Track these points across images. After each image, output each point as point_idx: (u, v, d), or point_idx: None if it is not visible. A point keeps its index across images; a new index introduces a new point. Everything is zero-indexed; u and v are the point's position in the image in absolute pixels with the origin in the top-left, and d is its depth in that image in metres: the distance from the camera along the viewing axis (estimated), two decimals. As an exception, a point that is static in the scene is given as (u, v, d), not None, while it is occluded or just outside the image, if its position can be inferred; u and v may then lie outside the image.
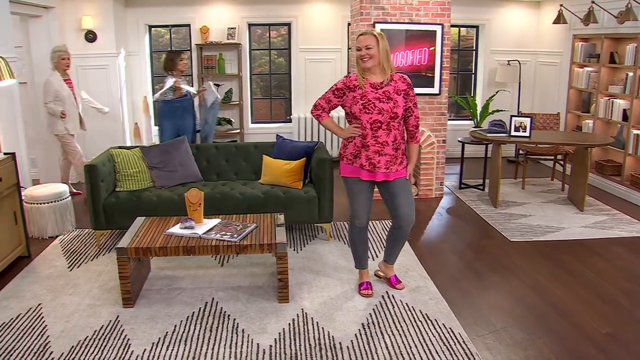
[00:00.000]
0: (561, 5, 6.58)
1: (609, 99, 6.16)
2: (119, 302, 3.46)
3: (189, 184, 4.73)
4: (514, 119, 5.47)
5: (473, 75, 8.14)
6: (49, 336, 3.09)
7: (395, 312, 3.38)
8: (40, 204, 4.64)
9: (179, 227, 3.61)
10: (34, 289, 3.69)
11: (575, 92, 6.94)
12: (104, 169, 4.41)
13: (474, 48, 8.04)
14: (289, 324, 3.23)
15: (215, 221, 3.74)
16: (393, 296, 3.59)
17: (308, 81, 7.66)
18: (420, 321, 3.27)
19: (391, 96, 3.30)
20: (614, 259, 4.26)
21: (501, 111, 7.30)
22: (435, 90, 5.76)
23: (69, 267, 4.07)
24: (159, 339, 3.07)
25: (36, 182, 5.81)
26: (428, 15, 5.59)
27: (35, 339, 3.06)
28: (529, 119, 5.42)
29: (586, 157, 5.33)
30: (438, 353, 2.93)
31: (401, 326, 3.21)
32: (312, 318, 3.30)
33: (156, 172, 4.68)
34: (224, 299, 3.55)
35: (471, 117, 7.55)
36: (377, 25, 5.47)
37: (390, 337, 3.09)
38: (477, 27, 7.93)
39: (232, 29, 7.37)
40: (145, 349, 2.96)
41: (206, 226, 3.63)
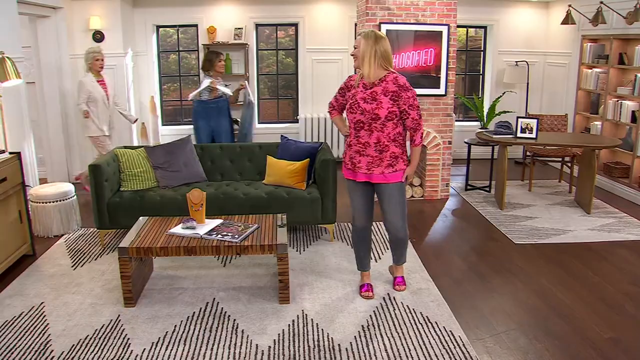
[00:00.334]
0: (569, 6, 6.51)
1: (617, 101, 6.08)
2: (120, 302, 3.48)
3: (193, 184, 4.74)
4: (520, 120, 5.43)
5: (481, 76, 8.09)
6: (50, 335, 3.11)
7: (395, 314, 3.36)
8: (46, 203, 4.69)
9: (180, 227, 3.63)
10: (38, 288, 3.73)
11: (583, 94, 6.87)
12: (108, 168, 4.44)
13: (482, 49, 7.99)
14: (288, 325, 3.23)
15: (217, 221, 3.75)
16: (394, 298, 3.57)
17: (315, 81, 7.66)
18: (421, 324, 3.25)
19: (377, 97, 3.24)
20: (619, 262, 4.21)
21: (507, 112, 7.24)
22: (441, 91, 5.73)
23: (72, 266, 4.10)
24: (159, 338, 3.09)
25: (43, 181, 5.86)
26: (434, 16, 5.57)
27: (37, 337, 3.09)
28: (535, 121, 5.37)
29: (593, 159, 5.27)
30: (437, 356, 2.91)
31: (401, 328, 3.20)
32: (312, 319, 3.29)
33: (160, 172, 4.70)
34: (225, 299, 3.56)
35: (478, 118, 7.50)
36: (382, 25, 5.45)
37: (389, 339, 3.08)
38: (485, 27, 7.88)
39: (239, 29, 7.38)
40: (144, 349, 2.98)
41: (208, 226, 3.64)
